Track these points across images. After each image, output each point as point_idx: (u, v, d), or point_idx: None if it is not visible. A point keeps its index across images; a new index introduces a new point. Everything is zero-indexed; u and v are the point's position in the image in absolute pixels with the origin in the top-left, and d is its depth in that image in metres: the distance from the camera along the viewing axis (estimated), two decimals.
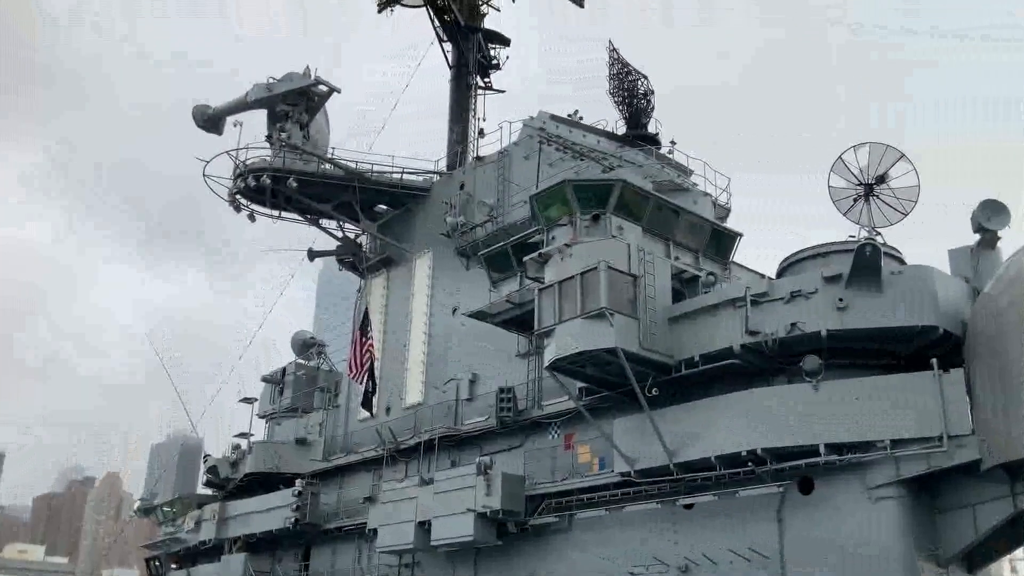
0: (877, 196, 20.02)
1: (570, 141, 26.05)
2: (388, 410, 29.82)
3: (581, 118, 28.55)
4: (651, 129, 28.77)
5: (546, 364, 21.70)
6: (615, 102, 29.10)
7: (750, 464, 18.95)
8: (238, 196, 33.47)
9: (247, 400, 35.94)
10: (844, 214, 20.07)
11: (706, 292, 21.43)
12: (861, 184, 20.04)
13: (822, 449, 17.84)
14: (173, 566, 39.18)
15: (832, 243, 21.03)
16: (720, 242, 24.08)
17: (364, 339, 28.57)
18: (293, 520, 30.01)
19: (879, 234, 19.63)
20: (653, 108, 29.00)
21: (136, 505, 46.89)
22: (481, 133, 32.94)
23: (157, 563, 40.59)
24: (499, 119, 30.18)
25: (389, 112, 36.25)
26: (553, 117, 28.02)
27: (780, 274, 21.31)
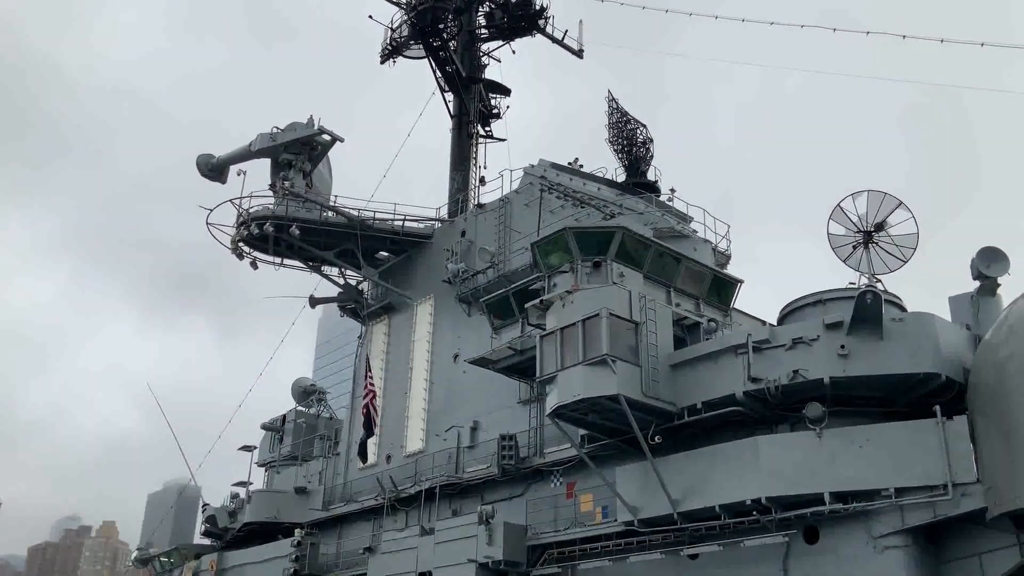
0: (876, 243, 20.17)
1: (570, 189, 26.29)
2: (388, 458, 29.63)
3: (581, 166, 28.86)
4: (651, 176, 29.05)
5: (548, 411, 21.63)
6: (614, 150, 29.44)
7: (755, 513, 18.80)
8: (241, 244, 33.67)
9: (246, 448, 35.72)
10: (844, 261, 20.20)
11: (708, 339, 21.44)
12: (860, 231, 20.20)
13: (827, 498, 17.68)
14: None
15: (832, 290, 21.09)
16: (721, 288, 24.17)
17: (365, 386, 28.54)
18: (292, 571, 29.57)
19: (879, 281, 19.72)
20: (652, 156, 29.32)
21: (133, 555, 46.29)
22: (482, 181, 33.32)
23: None
24: (500, 167, 30.57)
25: (391, 161, 36.59)
26: (554, 165, 28.33)
27: (781, 321, 21.33)
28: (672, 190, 28.32)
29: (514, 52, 38.44)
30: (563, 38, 37.82)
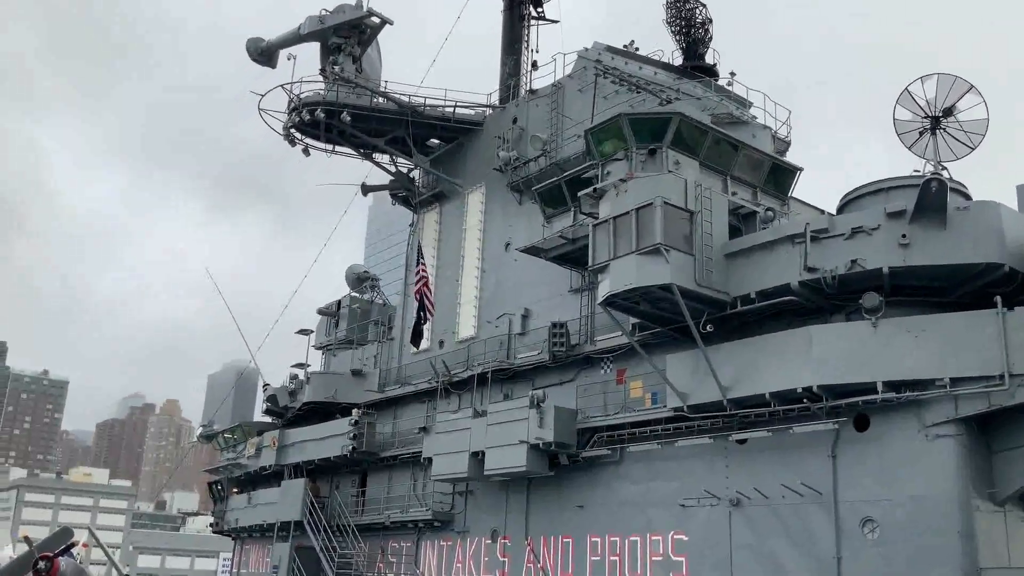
0: (944, 129, 19.42)
1: (626, 73, 25.52)
2: (441, 343, 30.28)
3: (637, 49, 27.92)
4: (709, 60, 28.06)
5: (600, 300, 21.77)
6: (672, 32, 28.36)
7: (805, 401, 18.96)
8: (293, 130, 33.61)
9: (303, 332, 36.70)
10: (909, 148, 19.53)
11: (764, 228, 21.21)
12: (927, 117, 19.44)
13: (880, 387, 17.72)
14: (235, 490, 40.69)
15: (895, 178, 20.52)
16: (779, 176, 23.64)
17: (417, 272, 28.92)
18: (350, 448, 30.94)
19: (945, 168, 19.10)
20: (711, 38, 28.24)
21: (198, 431, 48.56)
22: (534, 65, 32.47)
23: (219, 487, 42.19)
24: (553, 51, 29.70)
25: (441, 44, 35.74)
26: (608, 48, 27.47)
27: (840, 210, 20.90)
28: (732, 74, 27.31)
29: None
30: None
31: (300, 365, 36.10)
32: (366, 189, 35.40)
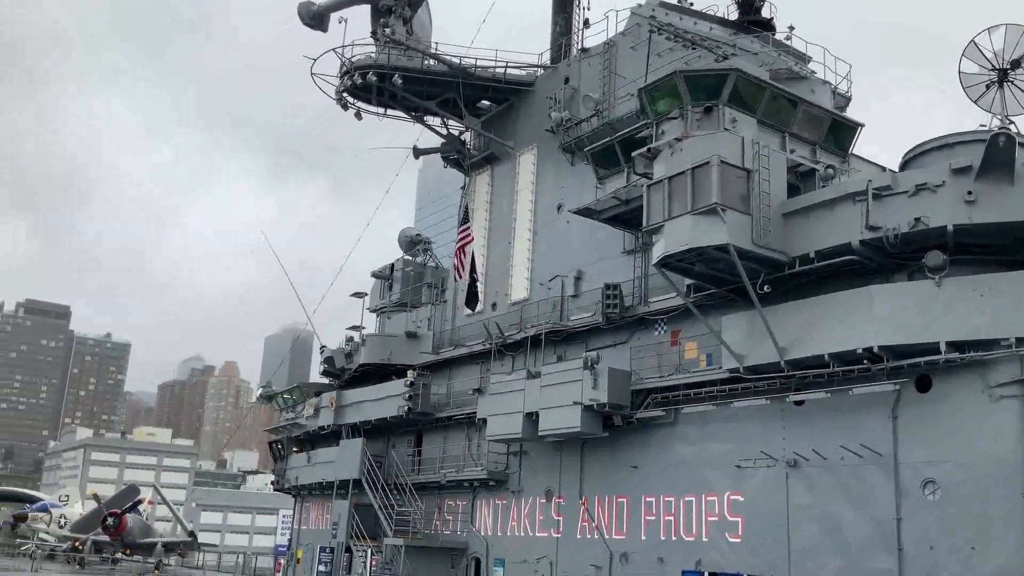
0: (1012, 82, 18.73)
1: (681, 29, 25.06)
2: (494, 306, 30.47)
3: (691, 4, 27.40)
4: (765, 14, 27.37)
5: (654, 261, 21.66)
6: None
7: (865, 362, 18.72)
8: (345, 94, 33.74)
9: (358, 295, 37.20)
10: (975, 101, 18.88)
11: (824, 186, 20.80)
12: (995, 69, 18.75)
13: (943, 347, 17.39)
14: (294, 449, 41.75)
15: (960, 133, 19.90)
16: (839, 133, 23.08)
17: (463, 233, 29.04)
18: (406, 409, 31.46)
19: (1012, 123, 18.47)
20: None
21: (257, 392, 49.78)
22: (586, 23, 31.93)
23: (279, 446, 43.32)
24: (605, 7, 29.12)
25: (491, 4, 35.35)
26: (662, 4, 26.96)
27: (903, 167, 20.36)
28: (790, 28, 26.64)
29: None
30: None
31: (355, 327, 36.66)
32: (418, 152, 35.49)
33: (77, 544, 63.52)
